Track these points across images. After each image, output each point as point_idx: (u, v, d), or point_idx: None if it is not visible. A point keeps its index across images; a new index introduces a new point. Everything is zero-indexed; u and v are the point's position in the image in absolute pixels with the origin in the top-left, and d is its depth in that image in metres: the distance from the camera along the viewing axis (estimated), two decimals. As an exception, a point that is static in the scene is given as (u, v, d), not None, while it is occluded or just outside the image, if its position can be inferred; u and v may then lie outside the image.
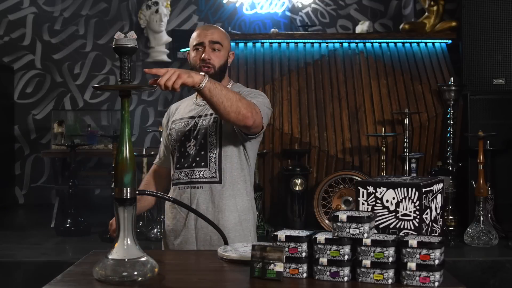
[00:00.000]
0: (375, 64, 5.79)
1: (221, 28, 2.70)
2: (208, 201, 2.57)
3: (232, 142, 2.57)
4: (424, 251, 1.85)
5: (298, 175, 5.38)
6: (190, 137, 2.60)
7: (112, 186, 2.05)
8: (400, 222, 2.04)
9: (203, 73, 2.27)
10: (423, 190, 2.03)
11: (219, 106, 2.29)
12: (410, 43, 5.90)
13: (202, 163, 2.57)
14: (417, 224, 2.02)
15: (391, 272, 1.89)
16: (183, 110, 2.71)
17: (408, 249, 1.87)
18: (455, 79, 5.45)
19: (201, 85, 2.22)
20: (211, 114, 2.57)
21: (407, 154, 5.27)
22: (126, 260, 1.99)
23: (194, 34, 2.64)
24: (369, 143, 5.55)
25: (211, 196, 2.57)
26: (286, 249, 1.98)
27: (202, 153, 2.57)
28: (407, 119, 5.32)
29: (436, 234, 2.13)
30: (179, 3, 7.53)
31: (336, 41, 5.91)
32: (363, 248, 1.92)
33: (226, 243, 2.50)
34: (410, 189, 2.03)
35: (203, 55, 2.58)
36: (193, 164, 2.58)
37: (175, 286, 1.99)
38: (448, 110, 5.42)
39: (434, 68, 5.77)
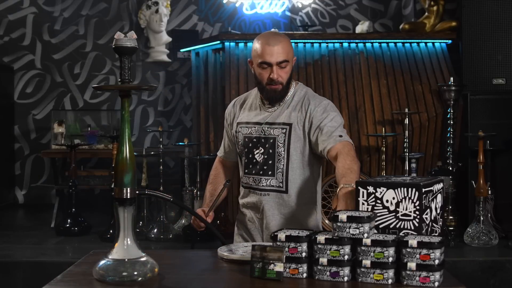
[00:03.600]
0: (375, 64, 5.79)
1: (284, 38, 2.66)
2: (274, 208, 2.65)
3: (300, 154, 2.62)
4: (424, 251, 1.85)
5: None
6: (258, 145, 2.66)
7: (112, 186, 2.05)
8: (400, 222, 2.04)
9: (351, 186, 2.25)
10: (423, 190, 2.03)
11: None
12: (410, 43, 5.90)
13: (270, 172, 2.64)
14: (417, 224, 2.02)
15: (391, 272, 1.90)
16: (248, 112, 2.73)
17: (408, 249, 1.87)
18: (455, 79, 5.44)
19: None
20: (279, 124, 2.63)
21: (407, 154, 5.27)
22: (126, 260, 1.99)
23: (259, 49, 2.60)
24: (369, 143, 5.55)
25: (277, 203, 2.64)
26: (286, 249, 1.98)
27: (270, 162, 2.63)
28: (407, 119, 5.32)
29: (436, 234, 2.13)
30: (179, 3, 7.52)
31: (336, 41, 5.90)
32: (363, 248, 1.92)
33: (223, 243, 2.51)
34: (410, 189, 2.03)
35: (272, 75, 2.59)
36: (261, 172, 2.65)
37: (175, 286, 1.99)
38: (448, 110, 5.42)
39: (434, 68, 5.77)
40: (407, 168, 5.25)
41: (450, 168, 5.34)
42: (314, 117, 2.58)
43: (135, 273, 1.97)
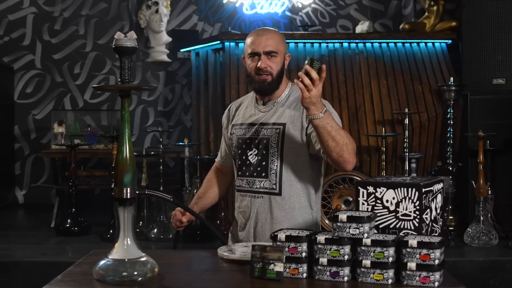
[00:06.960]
0: (375, 64, 5.79)
1: (275, 31, 2.65)
2: (267, 212, 2.56)
3: (295, 155, 2.53)
4: (424, 251, 1.85)
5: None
6: (251, 146, 2.59)
7: (112, 186, 2.05)
8: (400, 222, 2.04)
9: (325, 109, 2.30)
10: (423, 190, 2.03)
11: (324, 143, 2.32)
12: (410, 43, 5.90)
13: (263, 174, 2.55)
14: (417, 224, 2.02)
15: (391, 272, 1.90)
16: (243, 113, 2.68)
17: (408, 249, 1.87)
18: (455, 79, 5.44)
19: (313, 116, 2.28)
20: (273, 124, 2.56)
21: (407, 154, 5.27)
22: (126, 260, 1.99)
23: (249, 40, 2.61)
24: (369, 143, 5.55)
25: (270, 207, 2.56)
26: (286, 249, 1.98)
27: (264, 163, 2.55)
28: (407, 119, 5.32)
29: (436, 234, 2.13)
30: (179, 3, 7.52)
31: (336, 41, 5.90)
32: (363, 248, 1.92)
33: (223, 243, 2.51)
34: (410, 189, 2.03)
35: (259, 63, 2.56)
36: (254, 174, 2.57)
37: (175, 286, 1.99)
38: (448, 110, 5.41)
39: (434, 68, 5.77)
40: (407, 168, 5.25)
41: (450, 168, 5.34)
42: None
43: (135, 273, 1.97)
